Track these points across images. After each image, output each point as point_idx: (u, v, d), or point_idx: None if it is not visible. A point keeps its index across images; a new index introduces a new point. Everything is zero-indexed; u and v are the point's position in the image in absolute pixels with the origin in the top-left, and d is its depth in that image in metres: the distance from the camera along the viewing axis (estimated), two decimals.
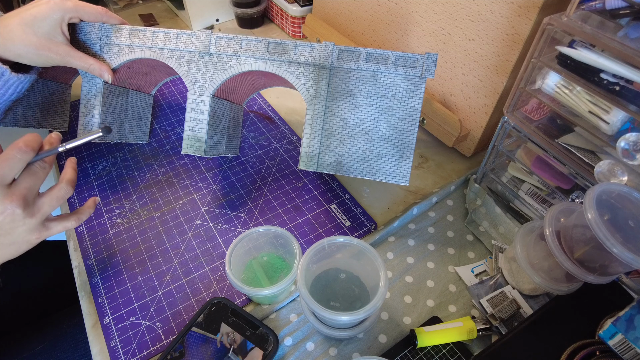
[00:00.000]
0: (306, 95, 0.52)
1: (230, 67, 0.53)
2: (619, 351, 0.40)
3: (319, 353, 0.47)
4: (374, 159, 0.52)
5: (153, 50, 0.55)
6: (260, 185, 0.65)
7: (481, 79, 0.59)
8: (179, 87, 0.81)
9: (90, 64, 0.54)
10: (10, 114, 0.61)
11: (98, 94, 0.58)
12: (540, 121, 0.49)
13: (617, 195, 0.41)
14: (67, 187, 0.44)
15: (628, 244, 0.37)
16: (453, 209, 0.62)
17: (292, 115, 0.77)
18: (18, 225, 0.40)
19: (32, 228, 0.41)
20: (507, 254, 0.53)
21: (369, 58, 0.50)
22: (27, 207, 0.40)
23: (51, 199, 0.42)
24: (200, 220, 0.60)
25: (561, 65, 0.43)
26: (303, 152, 0.53)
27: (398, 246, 0.57)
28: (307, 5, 0.89)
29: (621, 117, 0.40)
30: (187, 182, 0.65)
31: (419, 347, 0.47)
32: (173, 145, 0.71)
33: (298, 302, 0.52)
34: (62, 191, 0.44)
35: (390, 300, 0.52)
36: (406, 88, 0.50)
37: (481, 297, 0.50)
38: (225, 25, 1.00)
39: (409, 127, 0.51)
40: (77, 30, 0.56)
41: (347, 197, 0.63)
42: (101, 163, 0.67)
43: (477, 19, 0.56)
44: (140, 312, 0.51)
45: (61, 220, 0.45)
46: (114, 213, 0.61)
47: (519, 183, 0.56)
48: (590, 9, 0.41)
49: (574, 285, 0.46)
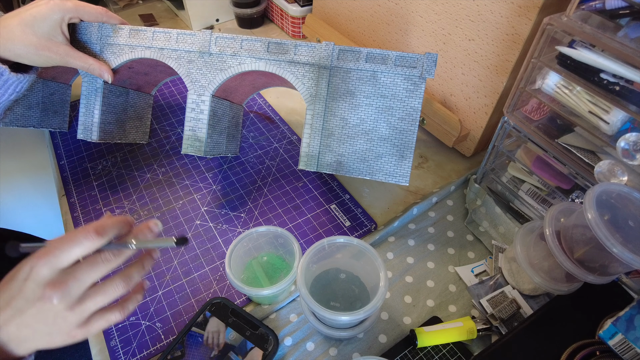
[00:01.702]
0: (306, 95, 0.52)
1: (230, 67, 0.53)
2: (619, 351, 0.40)
3: (319, 353, 0.47)
4: (374, 158, 0.52)
5: (153, 50, 0.55)
6: (260, 185, 0.65)
7: (481, 79, 0.59)
8: (179, 87, 0.81)
9: (90, 64, 0.54)
10: (10, 113, 0.61)
11: (98, 93, 0.58)
12: (540, 121, 0.49)
13: (617, 195, 0.41)
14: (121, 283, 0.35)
15: (628, 244, 0.37)
16: (453, 209, 0.62)
17: (292, 115, 0.77)
18: (55, 316, 0.33)
19: (70, 323, 0.34)
20: (507, 254, 0.53)
21: (369, 58, 0.50)
22: (67, 299, 0.33)
23: (98, 295, 0.34)
24: (200, 220, 0.60)
25: (561, 65, 0.43)
26: (303, 152, 0.53)
27: (398, 246, 0.57)
28: (307, 5, 0.89)
29: (621, 117, 0.40)
30: (187, 182, 0.65)
31: (419, 347, 0.47)
32: (173, 145, 0.71)
33: (298, 302, 0.51)
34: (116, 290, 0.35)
35: (390, 300, 0.52)
36: (406, 88, 0.50)
37: (481, 297, 0.50)
38: (225, 26, 1.00)
39: (409, 126, 0.51)
40: (77, 30, 0.56)
41: (347, 197, 0.63)
42: (101, 163, 0.67)
43: (477, 19, 0.56)
44: (140, 312, 0.51)
45: (104, 315, 0.36)
46: (114, 213, 0.61)
47: (519, 183, 0.56)
48: (590, 9, 0.41)
49: (574, 285, 0.46)
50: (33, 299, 0.33)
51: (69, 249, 0.32)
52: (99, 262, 0.34)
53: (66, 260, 0.33)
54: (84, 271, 0.33)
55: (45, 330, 0.34)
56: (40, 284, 0.32)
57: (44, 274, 0.32)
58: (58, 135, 0.71)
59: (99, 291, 0.34)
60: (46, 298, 0.32)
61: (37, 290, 0.32)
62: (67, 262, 0.33)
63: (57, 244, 0.33)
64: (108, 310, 0.36)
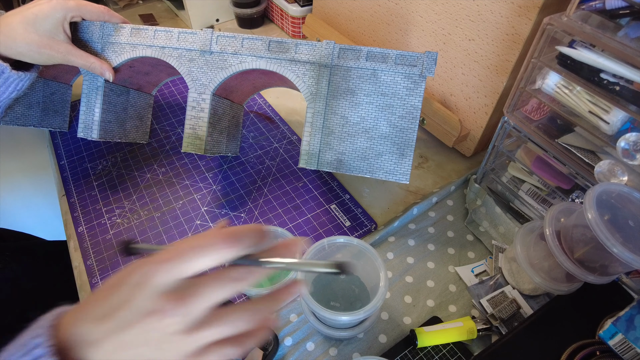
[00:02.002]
0: (307, 93, 0.52)
1: (231, 66, 0.53)
2: (619, 351, 0.40)
3: (319, 353, 0.47)
4: (374, 157, 0.52)
5: (154, 49, 0.55)
6: (260, 185, 0.65)
7: (481, 79, 0.60)
8: (179, 87, 0.81)
9: (91, 62, 0.54)
10: (11, 112, 0.61)
11: (99, 92, 0.58)
12: (540, 121, 0.49)
13: (617, 195, 0.41)
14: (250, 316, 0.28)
15: (628, 244, 0.37)
16: (453, 209, 0.62)
17: (292, 115, 0.77)
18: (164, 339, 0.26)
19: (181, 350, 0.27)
20: (507, 254, 0.53)
21: (369, 56, 0.50)
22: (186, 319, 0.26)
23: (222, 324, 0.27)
24: (200, 220, 0.60)
25: (561, 65, 0.43)
26: (303, 150, 0.53)
27: (398, 246, 0.57)
28: (307, 5, 0.90)
29: (621, 117, 0.41)
30: (187, 182, 0.65)
31: (419, 347, 0.47)
32: (173, 145, 0.71)
33: (298, 302, 0.51)
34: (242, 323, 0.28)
35: (390, 300, 0.52)
36: (406, 86, 0.50)
37: (481, 297, 0.50)
38: (225, 26, 1.00)
39: (409, 125, 0.51)
40: (78, 29, 0.56)
41: (347, 197, 0.63)
42: (101, 163, 0.67)
43: (477, 19, 0.56)
44: None
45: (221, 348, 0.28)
46: (114, 213, 0.61)
47: (519, 183, 0.56)
48: (590, 9, 0.41)
49: (574, 285, 0.46)
50: (144, 311, 0.25)
51: (194, 257, 0.26)
52: (226, 280, 0.27)
53: (189, 270, 0.26)
54: (210, 288, 0.26)
55: (147, 355, 0.26)
56: (155, 293, 0.25)
57: (162, 283, 0.26)
58: (58, 135, 0.71)
59: (223, 319, 0.27)
60: (162, 312, 0.25)
61: (151, 302, 0.25)
62: (190, 274, 0.26)
63: (180, 250, 0.26)
64: (226, 344, 0.28)
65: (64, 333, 0.26)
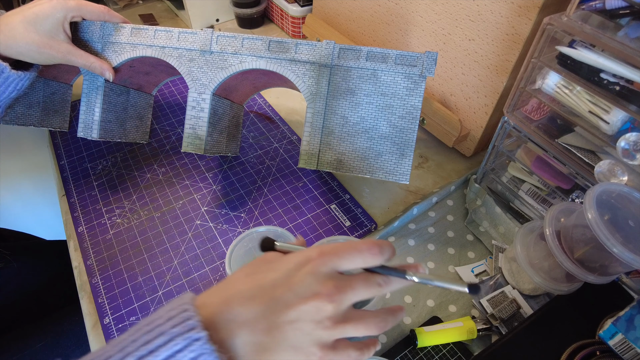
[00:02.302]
0: (307, 93, 0.52)
1: (232, 66, 0.53)
2: (619, 351, 0.40)
3: None
4: (374, 157, 0.52)
5: (155, 49, 0.55)
6: (260, 185, 0.65)
7: (481, 79, 0.60)
8: (179, 87, 0.81)
9: (91, 62, 0.54)
10: (11, 112, 0.61)
11: (99, 91, 0.58)
12: (540, 121, 0.49)
13: (617, 195, 0.41)
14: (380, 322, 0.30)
15: (628, 244, 0.37)
16: (453, 209, 0.62)
17: (292, 115, 0.77)
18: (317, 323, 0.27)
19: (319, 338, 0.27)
20: (507, 254, 0.53)
21: (370, 56, 0.50)
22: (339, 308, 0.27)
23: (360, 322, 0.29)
24: (200, 220, 0.60)
25: (561, 65, 0.43)
26: (303, 150, 0.53)
27: (398, 246, 0.57)
28: (307, 5, 0.90)
29: (621, 117, 0.41)
30: (187, 182, 0.65)
31: (419, 347, 0.47)
32: (173, 145, 0.71)
33: None
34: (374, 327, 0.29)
35: (390, 300, 0.52)
36: (406, 86, 0.50)
37: (481, 297, 0.50)
38: (225, 26, 1.00)
39: (409, 125, 0.51)
40: (79, 28, 0.56)
41: (347, 197, 0.63)
42: (101, 163, 0.67)
43: (477, 19, 0.56)
44: (140, 313, 0.50)
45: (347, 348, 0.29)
46: (114, 213, 0.61)
47: (519, 183, 0.56)
48: (590, 9, 0.41)
49: (574, 285, 0.46)
50: (309, 293, 0.27)
51: (350, 257, 0.29)
52: (373, 284, 0.29)
53: (345, 266, 0.29)
54: (361, 286, 0.29)
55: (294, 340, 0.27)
56: (321, 278, 0.27)
57: (325, 271, 0.28)
58: (58, 135, 0.71)
59: (363, 318, 0.29)
60: (327, 296, 0.26)
61: (317, 285, 0.27)
62: (344, 269, 0.29)
63: (338, 248, 0.29)
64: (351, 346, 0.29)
65: (206, 312, 0.27)
